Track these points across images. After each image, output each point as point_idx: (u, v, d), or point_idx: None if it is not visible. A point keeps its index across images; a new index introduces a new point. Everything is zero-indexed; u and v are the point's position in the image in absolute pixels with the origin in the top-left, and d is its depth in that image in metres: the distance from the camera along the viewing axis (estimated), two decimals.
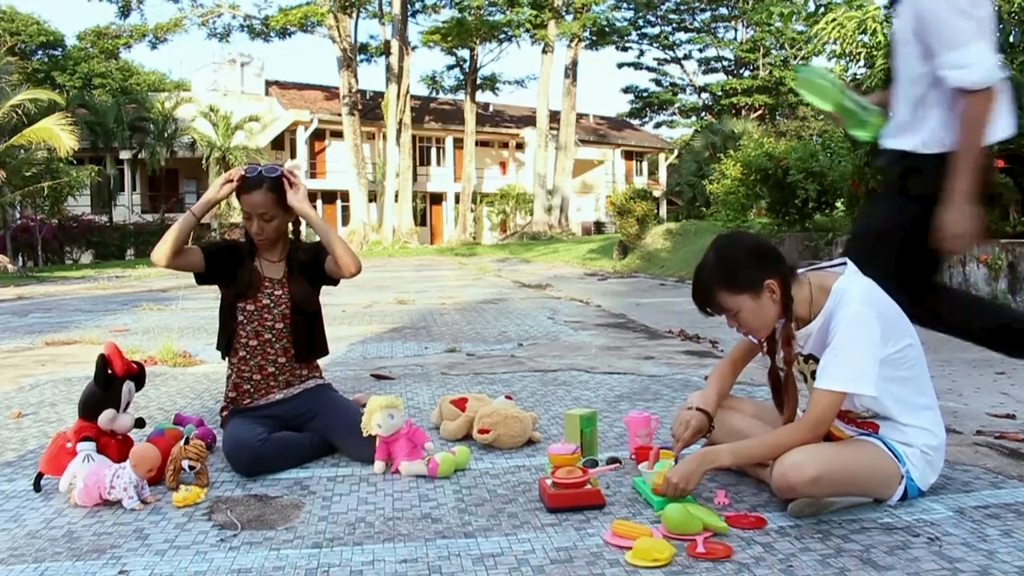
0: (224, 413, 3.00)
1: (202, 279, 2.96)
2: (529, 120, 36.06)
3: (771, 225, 11.84)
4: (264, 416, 2.89)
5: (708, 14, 40.41)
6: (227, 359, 3.00)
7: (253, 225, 2.88)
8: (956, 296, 2.94)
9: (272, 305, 2.94)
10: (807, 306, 2.25)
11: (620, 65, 41.92)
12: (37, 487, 2.60)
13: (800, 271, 2.30)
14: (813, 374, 2.31)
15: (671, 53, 41.81)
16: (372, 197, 31.85)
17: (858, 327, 2.13)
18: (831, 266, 2.31)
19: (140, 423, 2.84)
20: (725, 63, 42.41)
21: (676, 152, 41.26)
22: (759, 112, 39.18)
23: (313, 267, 3.01)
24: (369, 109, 32.88)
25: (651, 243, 17.77)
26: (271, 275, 2.97)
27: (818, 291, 2.24)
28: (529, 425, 3.02)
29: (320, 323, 3.09)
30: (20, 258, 22.62)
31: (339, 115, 30.97)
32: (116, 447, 2.68)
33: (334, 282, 3.05)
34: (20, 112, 18.67)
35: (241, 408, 2.94)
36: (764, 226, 12.12)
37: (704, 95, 42.37)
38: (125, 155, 30.76)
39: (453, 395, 3.30)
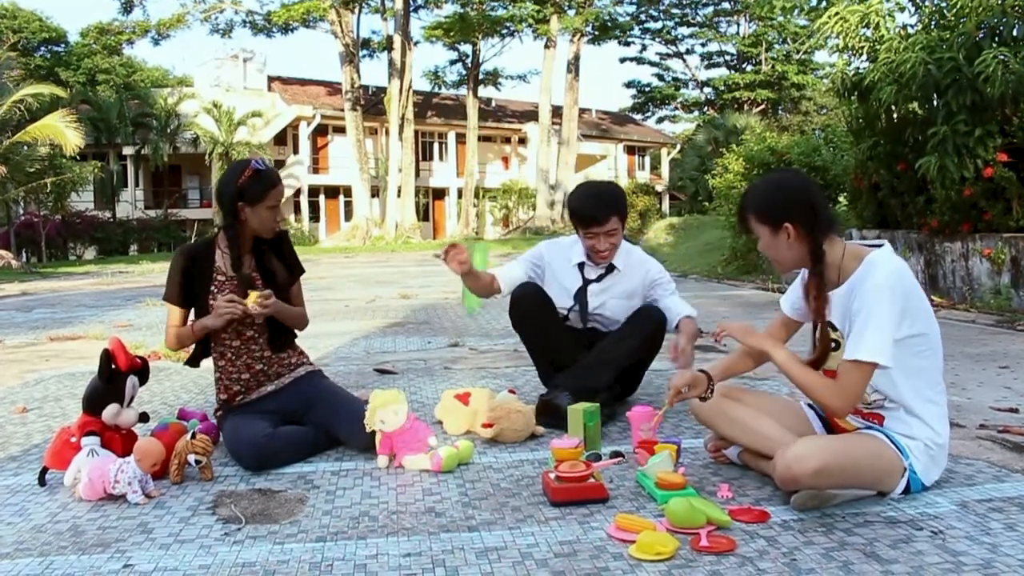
0: (218, 413, 3.00)
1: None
2: (531, 115, 35.97)
3: None
4: (262, 411, 2.89)
5: (710, 8, 40.32)
6: (213, 363, 2.98)
7: (278, 214, 2.90)
8: None
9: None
10: (836, 270, 2.28)
11: (622, 60, 41.98)
12: (42, 482, 2.61)
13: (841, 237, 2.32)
14: (833, 343, 2.32)
15: (673, 48, 41.73)
16: (375, 192, 31.83)
17: (881, 300, 2.14)
18: (870, 244, 2.31)
19: (144, 418, 2.86)
20: (727, 58, 42.33)
21: (678, 147, 41.22)
22: (761, 107, 39.11)
23: (280, 257, 3.01)
24: (372, 104, 32.84)
25: (653, 237, 17.78)
26: (243, 270, 2.92)
27: (850, 258, 2.26)
28: (532, 419, 3.02)
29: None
30: (24, 254, 22.62)
31: (342, 110, 30.94)
32: (120, 442, 2.69)
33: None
34: (23, 108, 18.65)
35: (236, 406, 2.94)
36: None
37: (706, 90, 42.27)
38: (128, 151, 30.75)
39: (457, 389, 3.30)
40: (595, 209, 3.24)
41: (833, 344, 2.31)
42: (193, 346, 2.98)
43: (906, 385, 2.22)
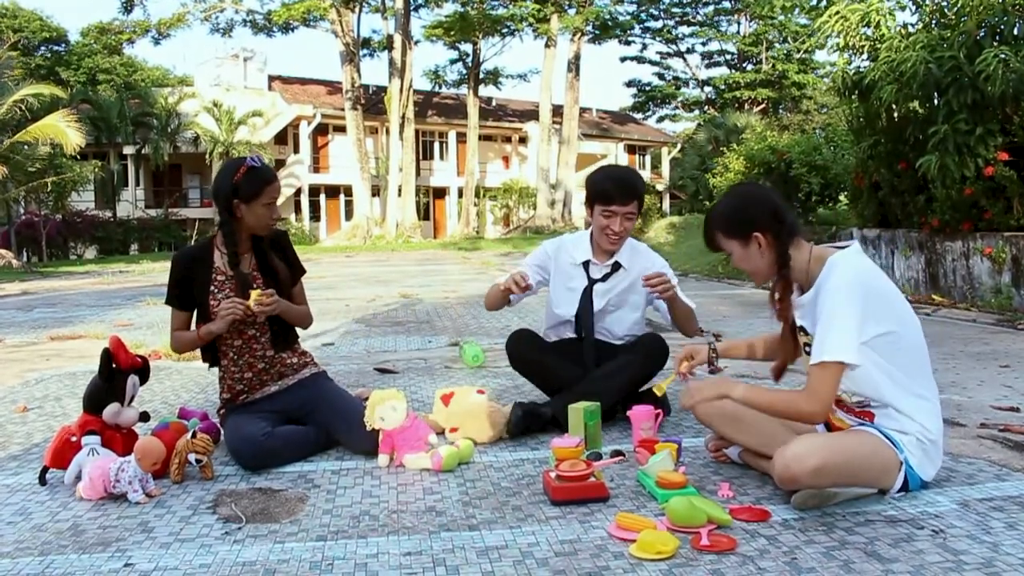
0: (222, 412, 3.00)
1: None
2: (532, 114, 35.96)
3: None
4: (265, 411, 2.89)
5: (711, 7, 40.28)
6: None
7: (274, 211, 2.90)
8: None
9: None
10: (804, 274, 2.29)
11: (623, 59, 41.84)
12: (43, 481, 2.61)
13: (809, 242, 2.34)
14: (806, 347, 2.32)
15: (674, 47, 41.71)
16: (375, 191, 31.83)
17: (839, 301, 2.14)
18: (839, 245, 2.31)
19: (145, 417, 2.85)
20: (728, 57, 42.31)
21: (679, 146, 41.15)
22: (762, 106, 39.07)
23: (281, 255, 3.02)
24: (372, 104, 32.83)
25: (654, 236, 17.78)
26: (242, 269, 2.92)
27: (815, 261, 2.27)
28: (498, 417, 2.98)
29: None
30: (25, 253, 22.59)
31: (342, 110, 30.94)
32: (121, 441, 2.69)
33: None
34: (23, 108, 18.64)
35: (239, 404, 2.94)
36: None
37: (707, 89, 42.24)
38: (128, 150, 30.76)
39: (445, 390, 3.25)
40: (618, 188, 3.22)
41: (806, 348, 2.30)
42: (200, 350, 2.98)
43: (887, 385, 2.22)
